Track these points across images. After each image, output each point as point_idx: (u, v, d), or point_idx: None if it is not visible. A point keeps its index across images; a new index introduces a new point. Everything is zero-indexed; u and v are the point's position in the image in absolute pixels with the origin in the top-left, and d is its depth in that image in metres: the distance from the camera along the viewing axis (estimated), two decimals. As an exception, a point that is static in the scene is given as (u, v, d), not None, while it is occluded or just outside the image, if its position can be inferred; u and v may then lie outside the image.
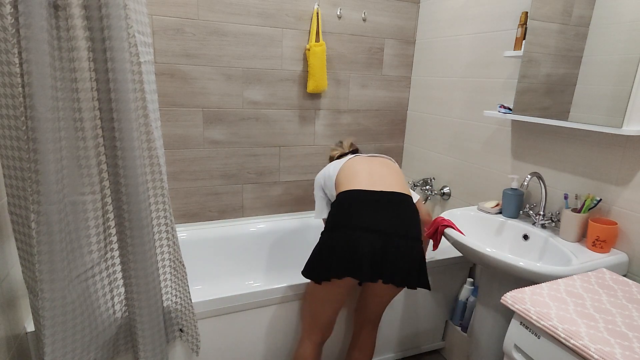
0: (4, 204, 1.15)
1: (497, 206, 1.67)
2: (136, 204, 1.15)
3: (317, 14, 2.01)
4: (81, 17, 1.02)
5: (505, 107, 1.63)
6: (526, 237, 1.53)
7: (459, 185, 2.06)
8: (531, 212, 1.58)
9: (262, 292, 1.49)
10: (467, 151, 1.99)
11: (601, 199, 1.38)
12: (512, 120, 1.71)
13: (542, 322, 0.94)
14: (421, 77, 2.29)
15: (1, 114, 0.97)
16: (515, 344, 1.03)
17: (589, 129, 1.33)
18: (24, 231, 1.03)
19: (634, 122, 1.23)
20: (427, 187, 2.22)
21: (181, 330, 1.38)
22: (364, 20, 2.15)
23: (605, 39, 1.29)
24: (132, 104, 1.10)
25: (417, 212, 1.37)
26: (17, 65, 0.94)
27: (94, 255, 1.19)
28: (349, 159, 1.56)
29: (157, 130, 1.20)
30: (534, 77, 1.52)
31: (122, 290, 1.27)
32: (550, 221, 1.52)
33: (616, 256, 1.31)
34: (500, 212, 1.67)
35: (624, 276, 1.24)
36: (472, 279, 1.87)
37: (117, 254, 1.25)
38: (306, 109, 2.16)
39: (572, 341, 0.87)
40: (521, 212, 1.64)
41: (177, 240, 1.31)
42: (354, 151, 1.78)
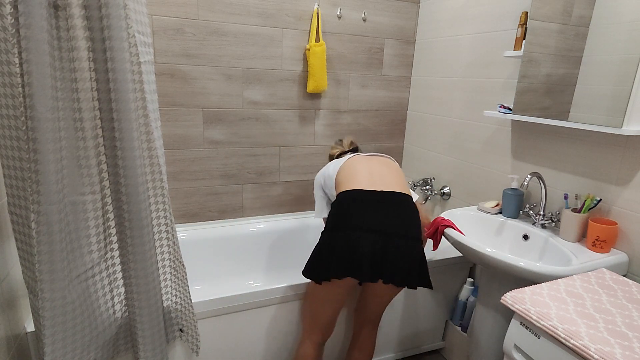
0: (4, 204, 1.15)
1: (497, 206, 1.67)
2: (136, 204, 1.15)
3: (317, 14, 2.01)
4: (81, 17, 1.02)
5: (505, 107, 1.63)
6: (526, 237, 1.53)
7: (459, 185, 2.06)
8: (531, 212, 1.58)
9: (262, 292, 1.49)
10: (467, 151, 1.99)
11: (601, 199, 1.38)
12: (512, 120, 1.71)
13: (542, 322, 0.94)
14: (421, 77, 2.29)
15: (1, 114, 0.97)
16: (515, 344, 1.03)
17: (589, 129, 1.33)
18: (24, 231, 1.03)
19: (634, 122, 1.23)
20: (427, 187, 2.22)
21: (181, 330, 1.38)
22: (364, 20, 2.15)
23: (605, 39, 1.29)
24: (132, 104, 1.10)
25: (417, 212, 1.37)
26: (17, 65, 0.94)
27: (94, 255, 1.19)
28: (349, 158, 1.56)
29: (157, 130, 1.20)
30: (534, 77, 1.52)
31: (122, 290, 1.27)
32: (550, 221, 1.52)
33: (616, 256, 1.31)
34: (500, 212, 1.67)
35: (624, 276, 1.24)
36: (472, 279, 1.87)
37: (117, 254, 1.25)
38: (306, 109, 2.16)
39: (572, 341, 0.87)
40: (521, 212, 1.64)
41: (177, 240, 1.31)
42: (354, 149, 1.78)
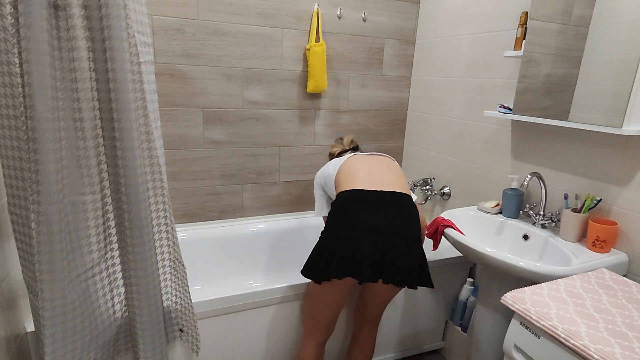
0: (4, 204, 1.15)
1: (497, 206, 1.67)
2: (136, 204, 1.15)
3: (317, 14, 2.01)
4: (81, 17, 1.02)
5: (505, 107, 1.63)
6: (526, 237, 1.53)
7: (459, 185, 2.06)
8: (531, 212, 1.58)
9: (262, 292, 1.49)
10: (467, 151, 1.98)
11: (601, 199, 1.38)
12: (512, 120, 1.71)
13: (542, 322, 0.94)
14: (421, 77, 2.29)
15: (1, 114, 0.97)
16: (515, 344, 1.03)
17: (589, 129, 1.33)
18: (24, 231, 1.03)
19: (634, 122, 1.23)
20: (427, 187, 2.22)
21: (181, 330, 1.38)
22: (364, 20, 2.15)
23: (605, 39, 1.29)
24: (132, 104, 1.10)
25: (417, 212, 1.37)
26: (17, 65, 0.94)
27: (94, 255, 1.19)
28: (349, 157, 1.55)
29: (157, 130, 1.20)
30: (534, 77, 1.52)
31: (122, 290, 1.27)
32: (550, 221, 1.52)
33: (616, 256, 1.31)
34: (500, 212, 1.67)
35: (624, 276, 1.24)
36: (472, 279, 1.87)
37: (117, 254, 1.25)
38: (306, 109, 2.16)
39: (572, 341, 0.87)
40: (521, 212, 1.64)
41: (177, 240, 1.31)
42: (355, 148, 1.78)
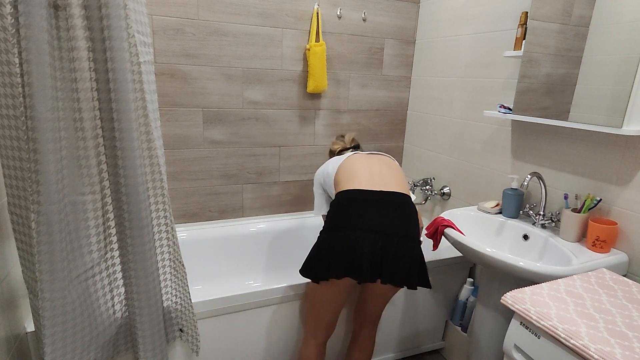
0: (4, 204, 1.15)
1: (497, 206, 1.67)
2: (136, 204, 1.15)
3: (317, 14, 2.01)
4: (81, 17, 1.02)
5: (505, 107, 1.63)
6: (526, 237, 1.53)
7: (459, 185, 2.06)
8: (531, 212, 1.58)
9: (262, 292, 1.49)
10: (467, 151, 1.98)
11: (601, 199, 1.38)
12: (512, 120, 1.71)
13: (542, 322, 0.94)
14: (421, 77, 2.29)
15: (1, 114, 0.97)
16: (515, 344, 1.03)
17: (589, 129, 1.33)
18: (24, 231, 1.03)
19: (634, 122, 1.23)
20: (427, 187, 2.22)
21: (181, 330, 1.38)
22: (364, 20, 2.15)
23: (605, 39, 1.29)
24: (132, 104, 1.10)
25: (416, 212, 1.37)
26: (17, 65, 0.94)
27: (94, 255, 1.19)
28: (349, 156, 1.55)
29: (157, 130, 1.20)
30: (534, 77, 1.52)
31: (122, 290, 1.27)
32: (550, 221, 1.52)
33: (616, 256, 1.31)
34: (500, 212, 1.67)
35: (624, 276, 1.24)
36: (472, 279, 1.87)
37: (117, 254, 1.25)
38: (306, 109, 2.16)
39: (572, 341, 0.87)
40: (521, 212, 1.64)
41: (177, 240, 1.31)
42: (356, 147, 1.78)
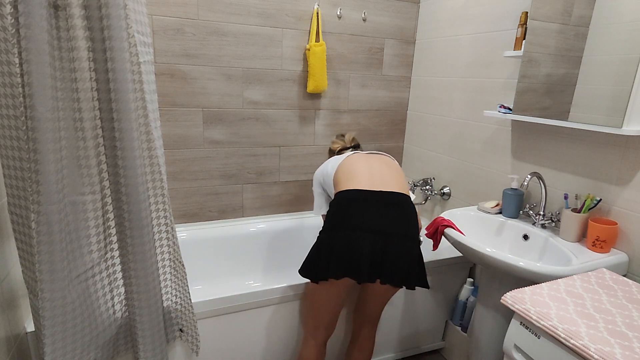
0: (4, 204, 1.15)
1: (497, 206, 1.67)
2: (136, 204, 1.15)
3: (317, 14, 2.01)
4: (81, 17, 1.02)
5: (505, 107, 1.63)
6: (526, 237, 1.53)
7: (459, 185, 2.06)
8: (531, 212, 1.58)
9: (262, 292, 1.49)
10: (467, 151, 1.98)
11: (601, 199, 1.38)
12: (512, 120, 1.71)
13: (542, 322, 0.94)
14: (421, 77, 2.29)
15: (1, 114, 0.97)
16: (515, 344, 1.03)
17: (589, 129, 1.33)
18: (24, 231, 1.03)
19: (634, 122, 1.23)
20: (427, 187, 2.22)
21: (181, 330, 1.38)
22: (364, 20, 2.15)
23: (605, 39, 1.29)
24: (132, 104, 1.10)
25: (416, 212, 1.37)
26: (17, 65, 0.94)
27: (94, 255, 1.19)
28: (348, 156, 1.55)
29: (157, 130, 1.20)
30: (534, 77, 1.52)
31: (122, 290, 1.27)
32: (550, 221, 1.52)
33: (616, 256, 1.31)
34: (500, 212, 1.67)
35: (624, 276, 1.24)
36: (472, 279, 1.87)
37: (117, 254, 1.25)
38: (306, 109, 2.16)
39: (572, 341, 0.87)
40: (521, 212, 1.64)
41: (177, 240, 1.31)
42: (356, 146, 1.77)
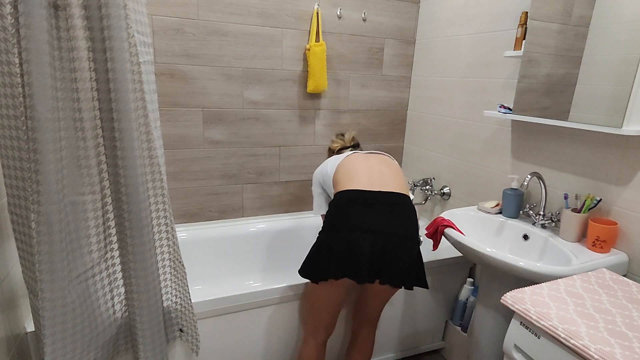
0: (4, 204, 1.15)
1: (497, 206, 1.67)
2: (136, 204, 1.15)
3: (317, 14, 2.01)
4: (81, 17, 1.02)
5: (505, 107, 1.63)
6: (526, 237, 1.53)
7: (459, 185, 2.06)
8: (531, 212, 1.58)
9: (262, 292, 1.49)
10: (467, 151, 1.98)
11: (601, 199, 1.38)
12: (512, 120, 1.71)
13: (542, 322, 0.94)
14: (421, 77, 2.29)
15: (1, 114, 0.97)
16: (515, 344, 1.03)
17: (589, 129, 1.33)
18: (24, 231, 1.03)
19: (634, 122, 1.23)
20: (427, 187, 2.22)
21: (181, 330, 1.38)
22: (364, 20, 2.15)
23: (605, 39, 1.29)
24: (132, 104, 1.10)
25: (415, 212, 1.37)
26: (17, 65, 0.94)
27: (94, 255, 1.19)
28: (348, 155, 1.55)
29: (156, 130, 1.20)
30: (534, 77, 1.52)
31: (122, 290, 1.27)
32: (550, 221, 1.52)
33: (616, 256, 1.31)
34: (500, 212, 1.67)
35: (624, 276, 1.24)
36: (472, 279, 1.87)
37: (117, 254, 1.25)
38: (306, 109, 2.16)
39: (572, 341, 0.87)
40: (521, 212, 1.64)
41: (177, 240, 1.31)
42: (355, 145, 1.77)
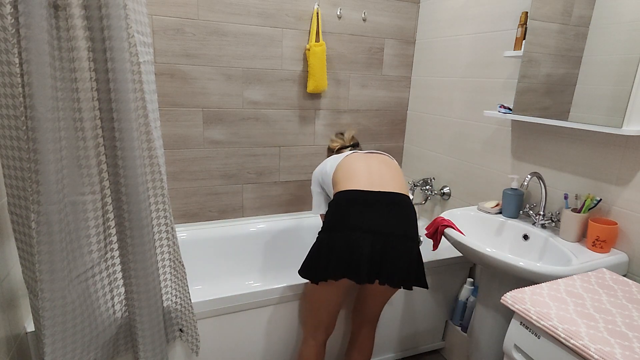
0: (4, 204, 1.15)
1: (497, 206, 1.67)
2: (136, 204, 1.15)
3: (317, 14, 2.01)
4: (81, 17, 1.02)
5: (505, 107, 1.63)
6: (526, 237, 1.53)
7: (459, 185, 2.06)
8: (531, 212, 1.58)
9: (262, 292, 1.49)
10: (467, 151, 1.98)
11: (601, 199, 1.38)
12: (512, 120, 1.71)
13: (542, 322, 0.94)
14: (421, 77, 2.29)
15: (1, 114, 0.97)
16: (515, 344, 1.03)
17: (589, 129, 1.33)
18: (24, 231, 1.03)
19: (634, 122, 1.23)
20: (427, 187, 2.22)
21: (181, 330, 1.38)
22: (364, 20, 2.15)
23: (605, 39, 1.29)
24: (132, 104, 1.10)
25: (415, 213, 1.37)
26: (17, 65, 0.94)
27: (94, 255, 1.19)
28: (347, 155, 1.54)
29: (156, 130, 1.20)
30: (534, 77, 1.52)
31: (122, 290, 1.27)
32: (550, 221, 1.52)
33: (616, 256, 1.31)
34: (500, 212, 1.67)
35: (624, 276, 1.24)
36: (472, 279, 1.87)
37: (117, 254, 1.25)
38: (306, 109, 2.16)
39: (572, 341, 0.87)
40: (521, 212, 1.64)
41: (177, 240, 1.31)
42: (355, 145, 1.77)
